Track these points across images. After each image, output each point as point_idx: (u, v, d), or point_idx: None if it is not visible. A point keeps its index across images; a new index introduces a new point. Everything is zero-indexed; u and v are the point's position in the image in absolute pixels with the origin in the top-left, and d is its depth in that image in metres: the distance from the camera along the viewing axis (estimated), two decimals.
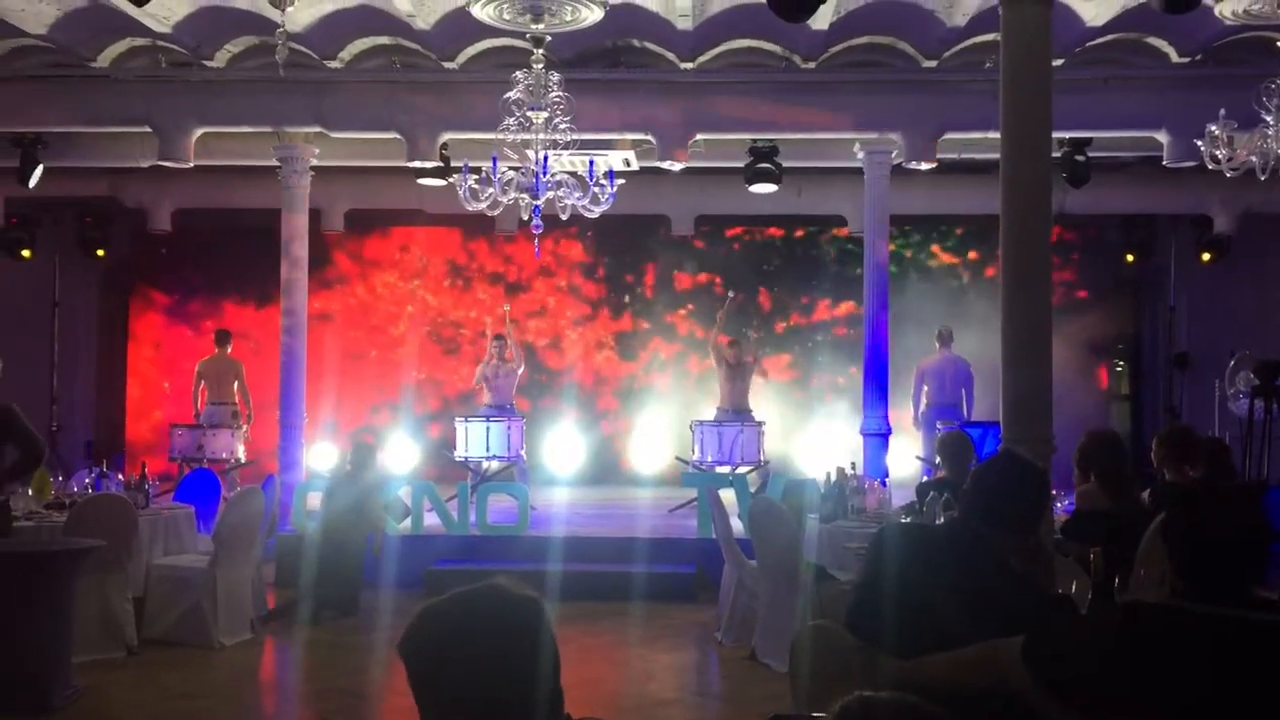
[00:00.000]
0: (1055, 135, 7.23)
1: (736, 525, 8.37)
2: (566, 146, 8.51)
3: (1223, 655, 2.33)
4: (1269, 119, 7.86)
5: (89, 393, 15.30)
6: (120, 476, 8.19)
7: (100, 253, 14.57)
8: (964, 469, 6.41)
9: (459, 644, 1.70)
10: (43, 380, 14.76)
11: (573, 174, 8.75)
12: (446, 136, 10.78)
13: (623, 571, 8.91)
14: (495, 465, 11.70)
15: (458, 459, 11.69)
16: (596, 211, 8.70)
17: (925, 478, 9.07)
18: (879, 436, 11.19)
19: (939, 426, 11.08)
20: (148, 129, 10.73)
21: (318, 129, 10.89)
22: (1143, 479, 6.50)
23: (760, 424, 11.78)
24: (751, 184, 11.59)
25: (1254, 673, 2.32)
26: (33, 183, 11.32)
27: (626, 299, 14.96)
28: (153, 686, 6.38)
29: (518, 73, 8.45)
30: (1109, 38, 10.04)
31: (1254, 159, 7.93)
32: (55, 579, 5.96)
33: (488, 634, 1.71)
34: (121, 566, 6.95)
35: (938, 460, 7.54)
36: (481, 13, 8.44)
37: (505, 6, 8.28)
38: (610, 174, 8.75)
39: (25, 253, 14.17)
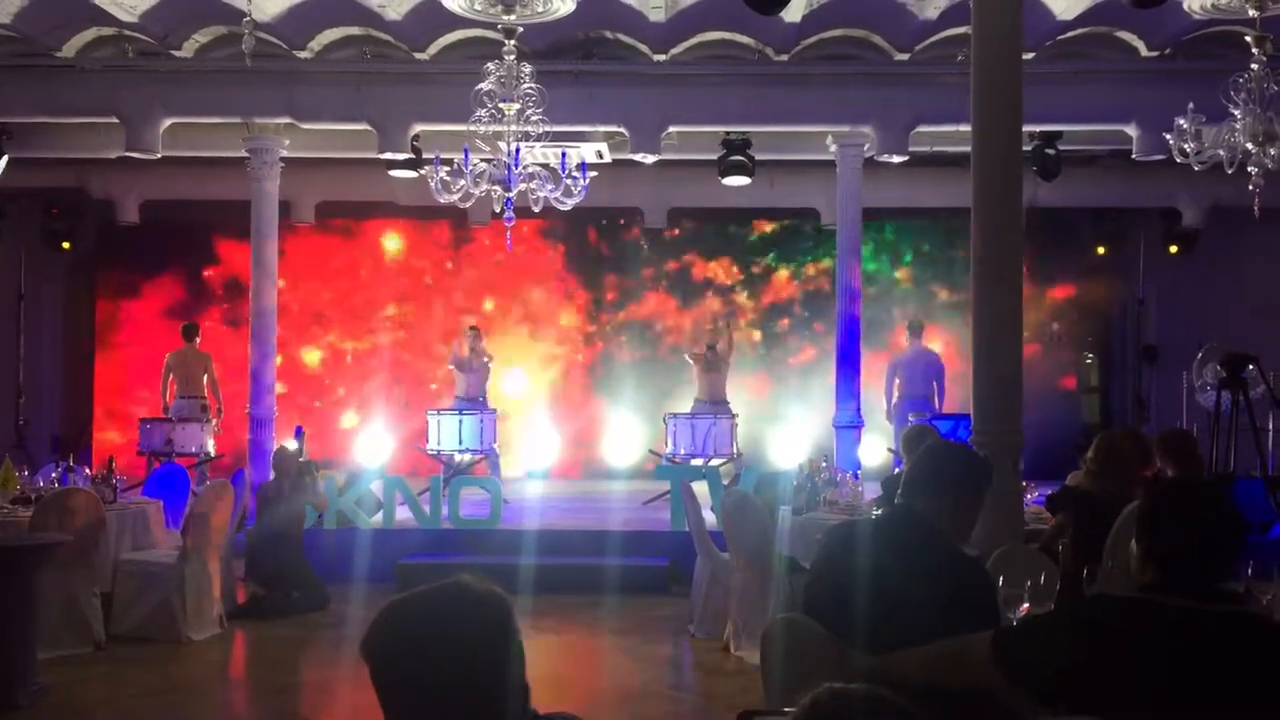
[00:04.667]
0: (1026, 128, 7.27)
1: (709, 517, 8.37)
2: (539, 138, 8.48)
3: (1190, 648, 2.34)
4: (1237, 113, 7.92)
5: (56, 386, 15.12)
6: (87, 471, 8.07)
7: (66, 245, 14.41)
8: None
9: (422, 642, 1.68)
10: (8, 373, 14.59)
11: (545, 166, 8.72)
12: (418, 128, 10.72)
13: (596, 564, 8.90)
14: (468, 458, 11.66)
15: (429, 452, 11.63)
16: (569, 204, 8.67)
17: (896, 470, 9.10)
18: (851, 429, 11.23)
19: (911, 419, 11.13)
20: (115, 119, 10.61)
21: (287, 120, 10.81)
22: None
23: (734, 416, 11.80)
24: (725, 176, 11.59)
25: (1221, 665, 2.33)
26: None
27: (599, 291, 14.92)
28: (121, 682, 6.31)
29: (489, 64, 8.41)
30: (1079, 31, 10.11)
31: (1222, 152, 7.99)
32: (20, 575, 5.88)
33: (452, 631, 1.69)
34: (89, 562, 6.87)
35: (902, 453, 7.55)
36: (452, 3, 8.40)
37: None
38: (582, 166, 8.72)
39: None
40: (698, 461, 11.30)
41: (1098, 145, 11.86)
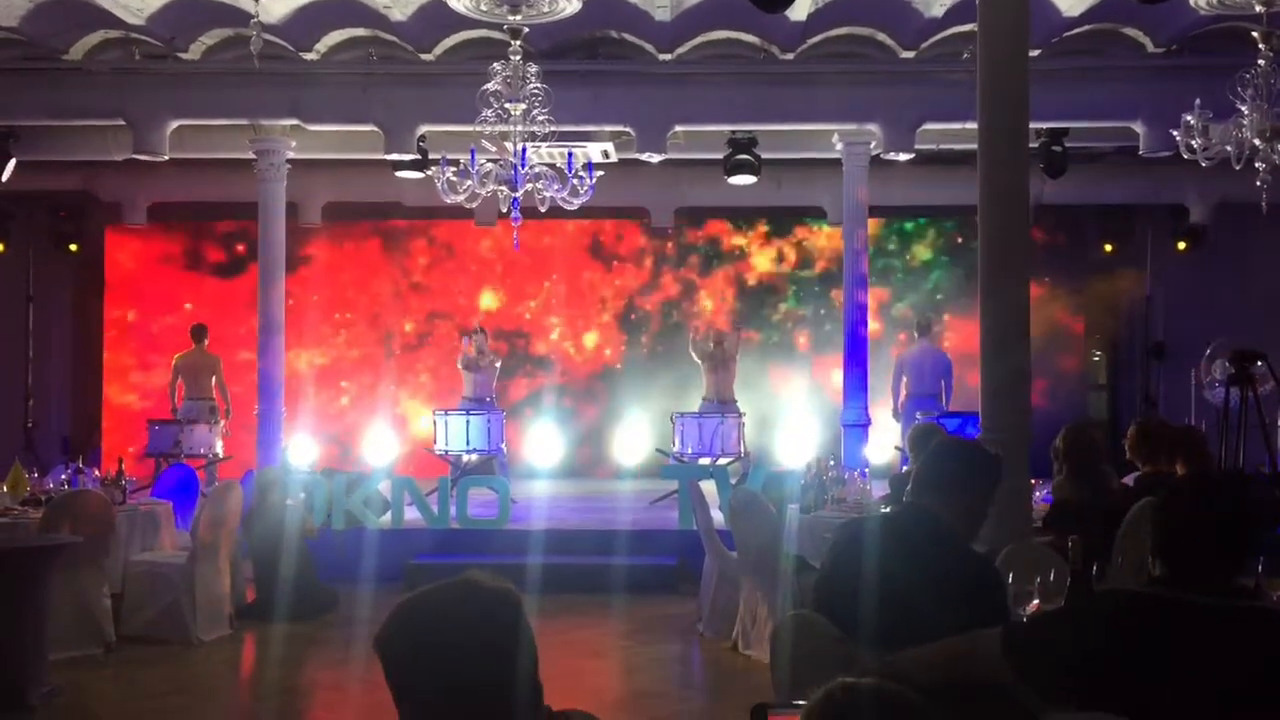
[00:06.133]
0: (1033, 126, 7.26)
1: (717, 517, 8.37)
2: (545, 138, 8.48)
3: (1202, 643, 2.34)
4: (1244, 109, 7.90)
5: (64, 388, 15.17)
6: (97, 472, 8.10)
7: (73, 247, 14.46)
8: None
9: (435, 639, 1.69)
10: (17, 376, 14.63)
11: (551, 166, 8.72)
12: (424, 129, 10.73)
13: (604, 564, 8.90)
14: (475, 458, 11.67)
15: (437, 453, 11.65)
16: (575, 203, 8.68)
17: (904, 468, 9.08)
18: (858, 427, 11.22)
19: (918, 416, 11.12)
20: (121, 122, 10.64)
21: (294, 122, 10.83)
22: (1119, 468, 6.53)
23: (741, 415, 11.80)
24: (731, 175, 11.58)
25: (1233, 659, 2.32)
26: (4, 176, 11.21)
27: (606, 291, 14.93)
28: (130, 683, 6.34)
29: (495, 64, 8.42)
30: (1085, 28, 10.09)
31: (1229, 148, 7.97)
32: (31, 576, 5.90)
33: (464, 628, 1.70)
34: (99, 563, 6.89)
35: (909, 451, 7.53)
36: (458, 4, 8.41)
37: None
38: (589, 166, 8.73)
39: None
40: (705, 460, 11.30)
41: (1105, 142, 11.83)
